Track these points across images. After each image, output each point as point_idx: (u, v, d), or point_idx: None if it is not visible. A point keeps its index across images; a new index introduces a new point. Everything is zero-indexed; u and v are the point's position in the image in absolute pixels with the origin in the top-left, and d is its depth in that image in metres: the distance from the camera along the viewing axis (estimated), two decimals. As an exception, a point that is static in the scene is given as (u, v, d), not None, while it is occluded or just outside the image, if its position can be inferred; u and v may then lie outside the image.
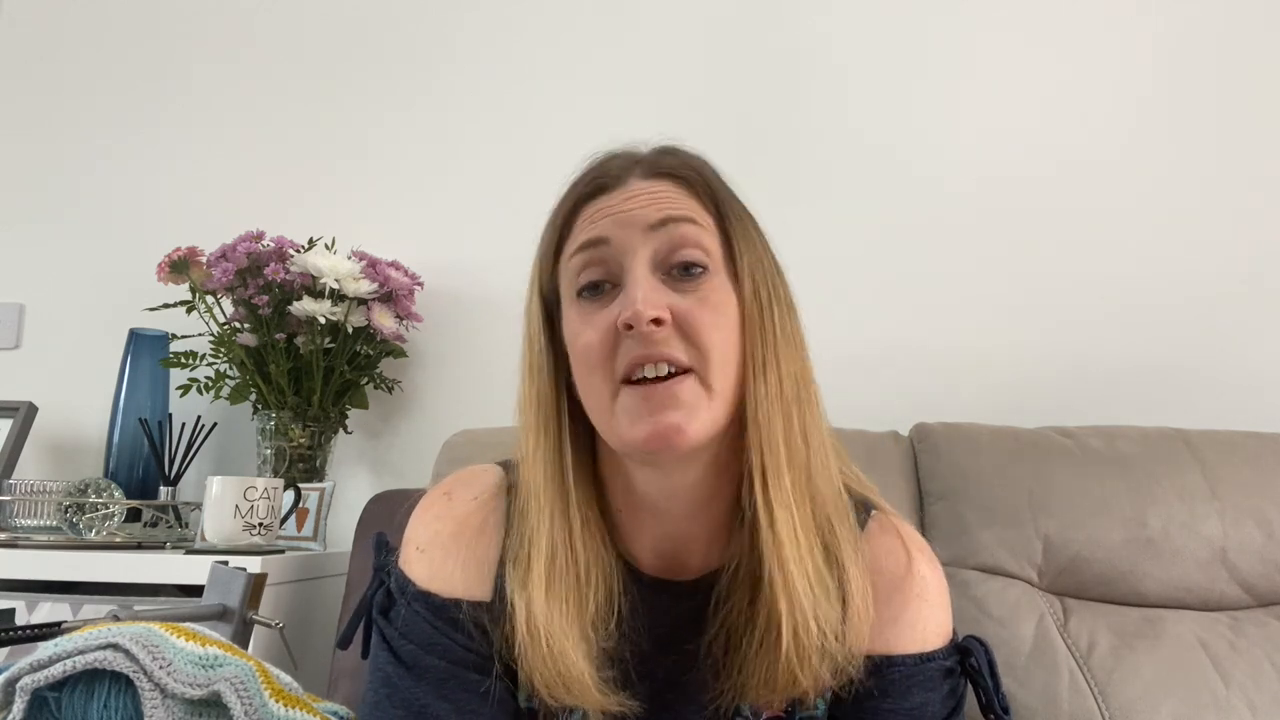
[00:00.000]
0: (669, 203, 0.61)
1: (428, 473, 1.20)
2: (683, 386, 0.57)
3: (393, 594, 0.65)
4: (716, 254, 0.61)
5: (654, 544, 0.66)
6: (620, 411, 0.58)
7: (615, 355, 0.58)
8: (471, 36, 1.62)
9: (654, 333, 0.57)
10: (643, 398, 0.57)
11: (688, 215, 0.60)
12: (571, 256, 0.62)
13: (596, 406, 0.60)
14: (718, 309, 0.59)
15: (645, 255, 0.59)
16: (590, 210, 0.62)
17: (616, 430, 0.59)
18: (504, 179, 1.57)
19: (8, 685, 0.55)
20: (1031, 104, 1.44)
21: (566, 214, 0.64)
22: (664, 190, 0.62)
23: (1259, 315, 1.34)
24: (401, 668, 0.62)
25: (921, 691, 0.63)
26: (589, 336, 0.59)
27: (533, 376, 0.65)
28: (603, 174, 0.63)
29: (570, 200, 0.64)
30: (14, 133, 1.73)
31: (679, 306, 0.58)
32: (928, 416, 1.22)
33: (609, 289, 0.60)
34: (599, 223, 0.61)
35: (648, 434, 0.57)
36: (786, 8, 1.53)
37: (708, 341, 0.58)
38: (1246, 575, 1.04)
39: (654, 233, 0.60)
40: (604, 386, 0.59)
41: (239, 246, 1.38)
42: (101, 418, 1.49)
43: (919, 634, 0.64)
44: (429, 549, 0.65)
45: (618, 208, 0.61)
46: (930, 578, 0.66)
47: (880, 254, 1.43)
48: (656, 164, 0.63)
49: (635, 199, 0.61)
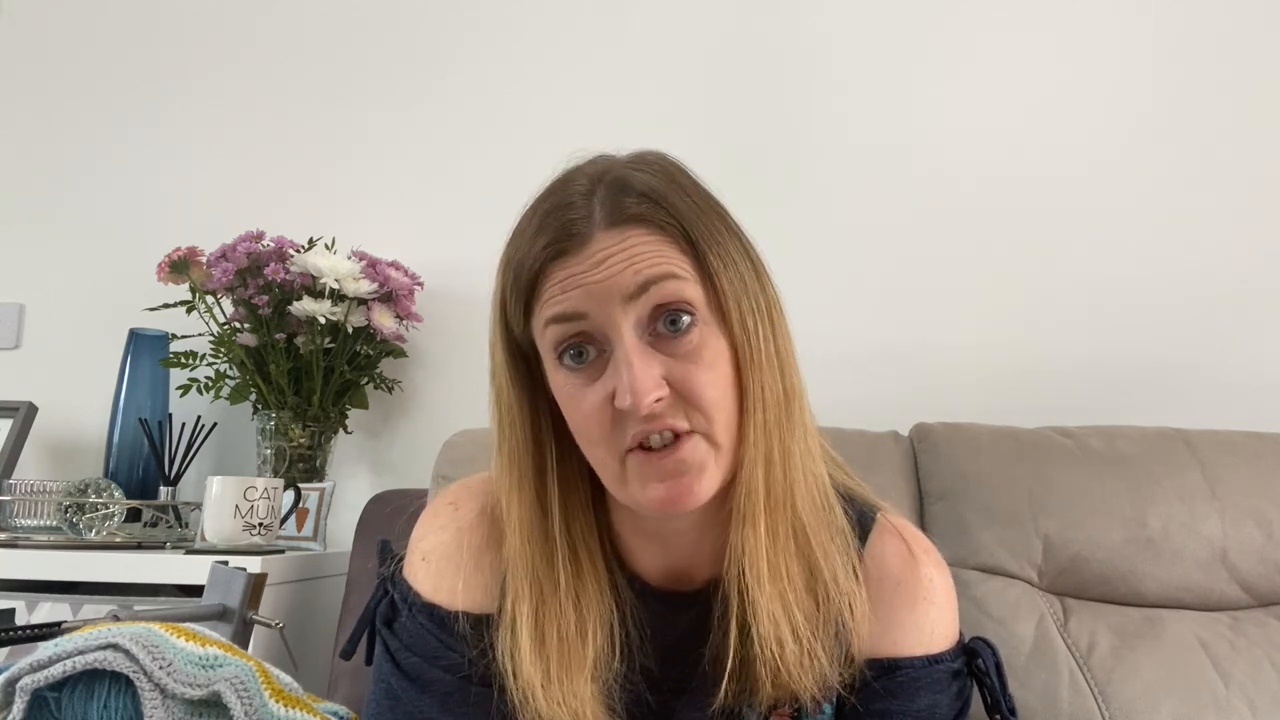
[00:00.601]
0: (642, 260, 0.56)
1: (428, 473, 1.20)
2: (690, 448, 0.56)
3: (396, 604, 0.65)
4: (700, 298, 0.57)
5: (660, 563, 0.66)
6: (632, 477, 0.57)
7: (616, 428, 0.56)
8: (472, 36, 1.61)
9: (654, 408, 0.55)
10: (654, 467, 0.56)
11: (666, 272, 0.56)
12: (547, 326, 0.57)
13: (605, 473, 0.59)
14: (712, 363, 0.57)
15: (629, 324, 0.55)
16: (559, 274, 0.57)
17: (629, 493, 0.58)
18: (504, 179, 1.56)
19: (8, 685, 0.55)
20: (1031, 104, 1.44)
21: (532, 277, 0.58)
22: (634, 242, 0.56)
23: (1259, 315, 1.34)
24: (405, 680, 0.62)
25: (929, 694, 0.63)
26: (586, 412, 0.57)
27: (504, 431, 0.62)
28: (564, 233, 0.57)
29: (537, 258, 0.58)
30: (14, 133, 1.73)
31: (674, 373, 0.56)
32: (928, 416, 1.22)
33: (594, 355, 0.57)
34: (571, 293, 0.56)
35: (661, 499, 0.56)
36: (786, 7, 1.53)
37: (708, 401, 0.56)
38: (1246, 575, 1.04)
39: (634, 301, 0.55)
40: (610, 458, 0.58)
41: (239, 246, 1.38)
42: (101, 418, 1.49)
43: (926, 636, 0.64)
44: (433, 559, 0.65)
45: (588, 276, 0.56)
46: (937, 580, 0.66)
47: (880, 254, 1.43)
48: (619, 210, 0.57)
49: (605, 265, 0.56)
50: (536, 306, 0.58)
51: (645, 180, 0.59)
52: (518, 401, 0.61)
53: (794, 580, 0.60)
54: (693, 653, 0.64)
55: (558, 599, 0.60)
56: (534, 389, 0.61)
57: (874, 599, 0.63)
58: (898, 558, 0.65)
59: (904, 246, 1.43)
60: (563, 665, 0.59)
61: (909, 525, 0.69)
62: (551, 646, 0.59)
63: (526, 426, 0.61)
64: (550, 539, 0.61)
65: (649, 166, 0.60)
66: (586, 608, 0.61)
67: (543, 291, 0.58)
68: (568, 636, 0.60)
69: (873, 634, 0.63)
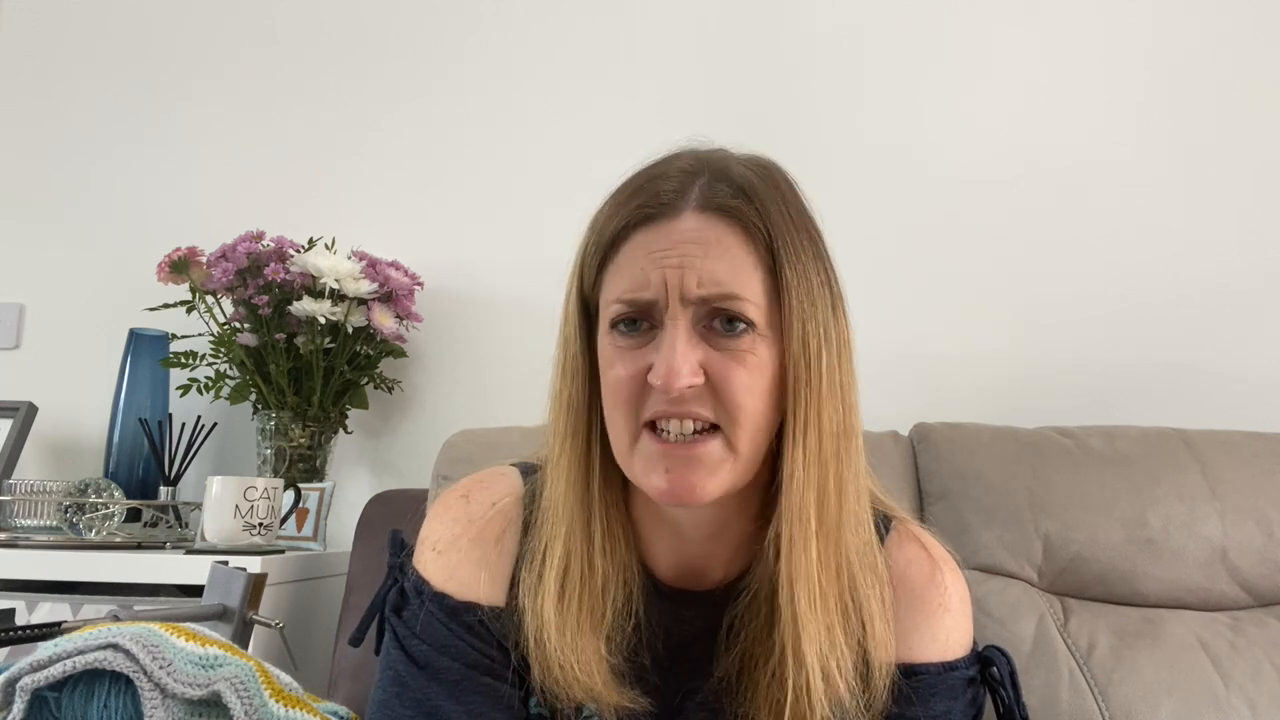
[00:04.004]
0: (716, 267, 0.56)
1: (428, 473, 1.20)
2: (707, 447, 0.57)
3: (406, 593, 0.65)
4: (762, 312, 0.57)
5: (673, 556, 0.66)
6: (639, 456, 0.58)
7: (642, 399, 0.57)
8: (472, 37, 1.61)
9: (683, 393, 0.55)
10: (663, 453, 0.57)
11: (731, 293, 0.56)
12: (611, 295, 0.59)
13: (617, 441, 0.60)
14: (755, 369, 0.57)
15: (686, 314, 0.57)
16: (639, 241, 0.58)
17: (634, 472, 0.59)
18: (504, 179, 1.57)
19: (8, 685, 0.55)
20: (1032, 105, 1.44)
21: (615, 234, 0.59)
22: (715, 237, 0.57)
23: (1259, 315, 1.34)
24: (414, 667, 0.62)
25: (943, 700, 0.63)
26: (619, 373, 0.58)
27: (565, 380, 0.63)
28: (656, 200, 0.58)
29: (622, 220, 0.59)
30: (14, 133, 1.73)
31: (714, 366, 0.56)
32: (928, 416, 1.22)
33: (645, 328, 0.58)
34: (644, 266, 0.57)
35: (663, 489, 0.57)
36: (787, 7, 1.53)
37: (739, 403, 0.56)
38: (1246, 575, 1.04)
39: (693, 302, 0.57)
40: (626, 426, 0.58)
41: (239, 246, 1.38)
42: (101, 418, 1.49)
43: (942, 643, 0.64)
44: (445, 551, 0.65)
45: (665, 257, 0.57)
46: (953, 588, 0.66)
47: (880, 255, 1.43)
48: (713, 196, 0.58)
49: (682, 251, 0.56)
50: (609, 268, 0.60)
51: (746, 176, 0.60)
52: (581, 353, 0.62)
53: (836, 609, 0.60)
54: (701, 659, 0.64)
55: (590, 551, 0.61)
56: (591, 346, 0.63)
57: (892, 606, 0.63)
58: (917, 566, 0.66)
59: (904, 247, 1.43)
60: (581, 616, 0.60)
61: (927, 533, 0.69)
62: (573, 594, 0.60)
63: (585, 378, 0.62)
64: (590, 492, 0.62)
65: (756, 167, 0.61)
66: (612, 569, 0.62)
67: (619, 254, 0.59)
68: (591, 590, 0.61)
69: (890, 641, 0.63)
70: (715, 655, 0.63)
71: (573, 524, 0.61)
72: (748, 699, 0.61)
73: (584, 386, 0.62)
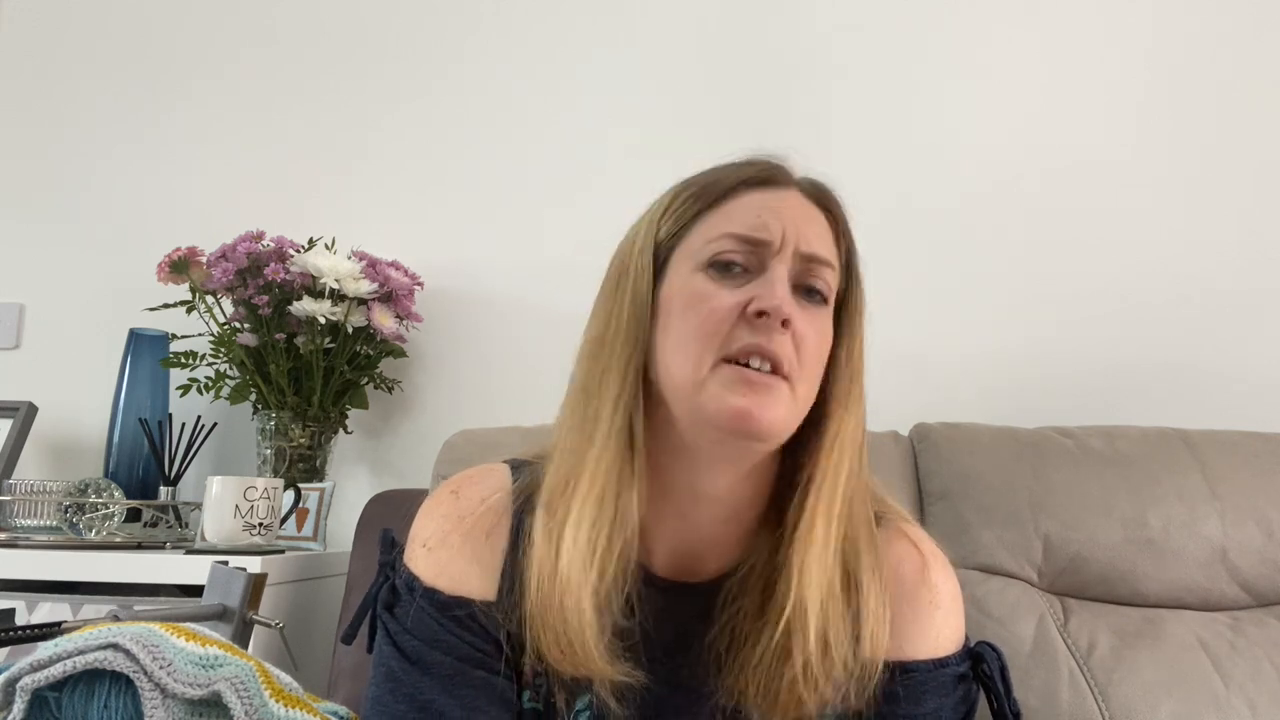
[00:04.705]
0: (821, 240, 0.64)
1: (428, 473, 1.20)
2: (780, 386, 0.60)
3: (398, 590, 0.65)
4: (834, 294, 0.65)
5: (673, 545, 0.66)
6: (716, 384, 0.59)
7: (730, 333, 0.60)
8: (472, 37, 1.61)
9: (777, 330, 0.59)
10: (744, 380, 0.59)
11: (830, 260, 0.64)
12: (719, 238, 0.62)
13: (688, 374, 0.60)
14: (822, 337, 0.63)
15: (787, 268, 0.62)
16: (754, 197, 0.64)
17: (702, 400, 0.59)
18: (504, 179, 1.57)
19: (8, 685, 0.55)
20: (1030, 107, 1.44)
21: (727, 188, 0.65)
22: (817, 217, 0.65)
23: (1259, 315, 1.34)
24: (406, 662, 0.62)
25: (935, 697, 0.63)
26: (714, 307, 0.60)
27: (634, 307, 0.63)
28: (769, 171, 0.66)
29: (735, 179, 0.65)
30: (14, 133, 1.73)
31: (798, 320, 0.60)
32: (928, 416, 1.22)
33: (740, 273, 0.62)
34: (764, 218, 0.62)
35: (738, 410, 0.58)
36: (787, 7, 1.53)
37: (809, 359, 0.61)
38: (1246, 575, 1.04)
39: (796, 260, 0.62)
40: (706, 357, 0.60)
41: (239, 246, 1.38)
42: (101, 418, 1.49)
43: (933, 640, 0.64)
44: (435, 547, 0.65)
45: (783, 209, 0.63)
46: (944, 584, 0.66)
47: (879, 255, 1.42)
48: (815, 189, 0.67)
49: (795, 212, 0.64)
50: (712, 215, 0.64)
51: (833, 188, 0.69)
52: (649, 289, 0.64)
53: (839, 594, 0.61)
54: (691, 646, 0.64)
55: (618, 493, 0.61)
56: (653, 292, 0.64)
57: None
58: (908, 562, 0.66)
59: (904, 247, 1.43)
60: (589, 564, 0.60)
61: (917, 529, 0.69)
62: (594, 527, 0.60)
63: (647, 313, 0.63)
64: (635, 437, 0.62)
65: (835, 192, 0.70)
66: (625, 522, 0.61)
67: (729, 203, 0.64)
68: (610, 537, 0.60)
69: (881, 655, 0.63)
70: (706, 642, 0.64)
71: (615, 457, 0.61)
72: (736, 675, 0.61)
73: (646, 324, 0.63)
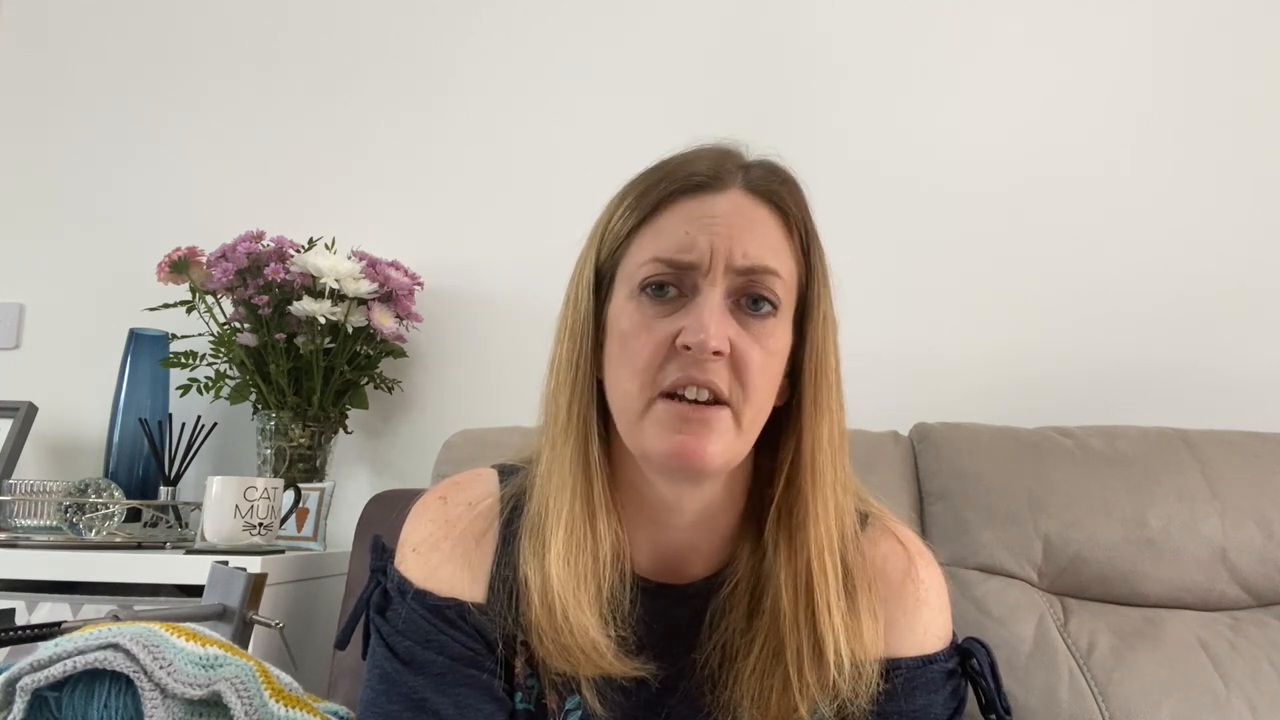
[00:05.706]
0: (759, 243, 0.59)
1: (428, 473, 1.20)
2: (718, 416, 0.58)
3: (389, 594, 0.66)
4: (789, 299, 0.61)
5: (653, 548, 0.66)
6: (652, 421, 0.58)
7: (662, 367, 0.58)
8: (472, 37, 1.61)
9: (709, 360, 0.57)
10: (678, 415, 0.57)
11: (770, 268, 0.59)
12: (647, 263, 0.60)
13: (627, 409, 0.60)
14: (772, 353, 0.60)
15: (721, 285, 0.59)
16: (684, 207, 0.60)
17: (641, 438, 0.59)
18: (504, 179, 1.57)
19: (8, 685, 0.55)
20: (1030, 109, 1.44)
21: (658, 199, 0.61)
22: (759, 218, 0.60)
23: (1259, 315, 1.34)
24: (399, 663, 0.63)
25: (924, 694, 0.63)
26: (644, 341, 0.59)
27: (573, 340, 0.63)
28: (702, 172, 0.61)
29: (667, 188, 0.61)
30: (14, 133, 1.73)
31: (738, 342, 0.58)
32: (928, 416, 1.22)
33: (674, 295, 0.59)
34: (692, 235, 0.59)
35: (673, 449, 0.57)
36: (789, 9, 1.53)
37: (753, 382, 0.58)
38: (1246, 575, 1.04)
39: (732, 273, 0.59)
40: (641, 393, 0.59)
41: (239, 246, 1.38)
42: (101, 418, 1.49)
43: (920, 637, 0.64)
44: (425, 551, 0.66)
45: (712, 224, 0.59)
46: (930, 581, 0.66)
47: (880, 255, 1.43)
48: (762, 182, 0.62)
49: (728, 222, 0.59)
50: (644, 231, 0.61)
51: (788, 172, 0.64)
52: (589, 317, 0.63)
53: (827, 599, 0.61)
54: (681, 652, 0.64)
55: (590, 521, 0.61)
56: (599, 316, 0.63)
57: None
58: (894, 560, 0.66)
59: (903, 247, 1.43)
60: (584, 581, 0.60)
61: (903, 527, 0.70)
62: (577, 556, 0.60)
63: (590, 337, 0.63)
64: (590, 457, 0.62)
65: (788, 174, 0.65)
66: (609, 543, 0.62)
67: (659, 218, 0.61)
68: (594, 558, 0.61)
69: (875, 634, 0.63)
70: (696, 647, 0.64)
71: (577, 485, 0.61)
72: (730, 688, 0.61)
73: (589, 350, 0.63)
